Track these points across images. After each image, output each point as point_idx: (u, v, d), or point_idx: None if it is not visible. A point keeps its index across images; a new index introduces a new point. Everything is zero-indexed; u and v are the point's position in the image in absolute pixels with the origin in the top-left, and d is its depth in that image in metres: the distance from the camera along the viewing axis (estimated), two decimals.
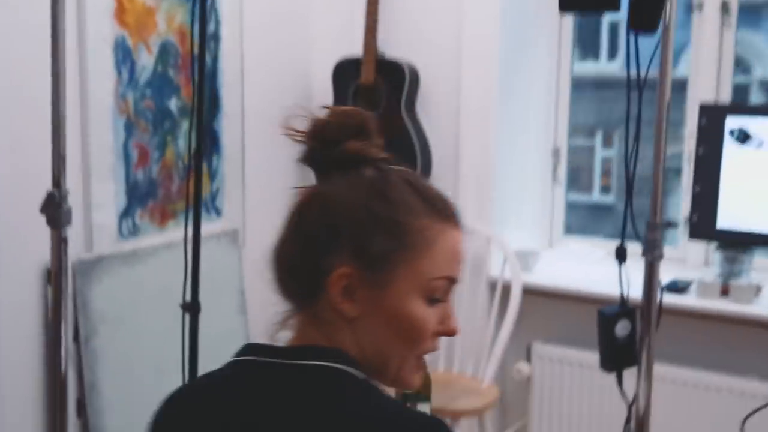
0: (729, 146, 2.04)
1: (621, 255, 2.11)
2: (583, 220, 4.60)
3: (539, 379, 3.51)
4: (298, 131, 1.19)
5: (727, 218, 2.06)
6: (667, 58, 1.93)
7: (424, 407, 1.88)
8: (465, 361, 3.42)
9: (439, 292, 1.16)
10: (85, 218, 2.88)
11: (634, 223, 2.08)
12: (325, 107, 1.22)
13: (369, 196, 1.14)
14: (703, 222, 2.06)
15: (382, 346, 1.16)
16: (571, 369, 3.45)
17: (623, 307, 2.13)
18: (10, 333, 2.70)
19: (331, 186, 1.18)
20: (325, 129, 1.18)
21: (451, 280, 1.17)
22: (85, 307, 2.82)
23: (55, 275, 1.99)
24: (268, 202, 3.59)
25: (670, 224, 2.00)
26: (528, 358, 3.56)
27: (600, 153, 6.07)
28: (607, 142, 6.13)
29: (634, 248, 2.12)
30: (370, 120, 1.21)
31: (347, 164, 1.17)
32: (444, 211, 1.17)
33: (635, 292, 2.15)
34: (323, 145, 1.18)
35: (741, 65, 3.80)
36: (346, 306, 1.13)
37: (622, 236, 2.10)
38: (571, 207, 4.00)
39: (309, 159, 1.21)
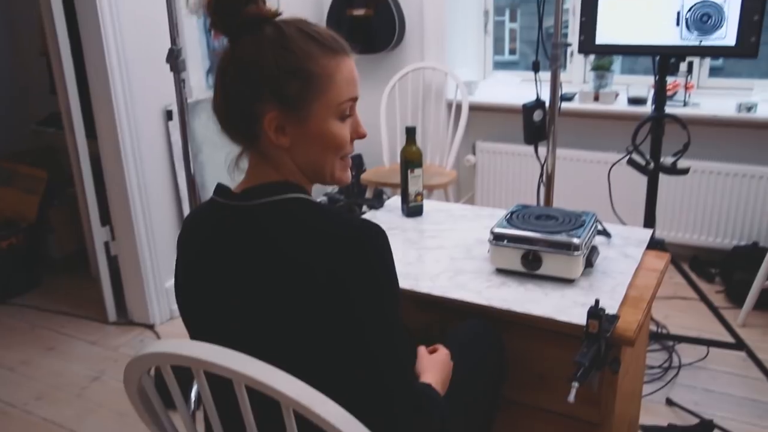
0: None
1: (536, 67, 2.19)
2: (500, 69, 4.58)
3: (480, 164, 3.62)
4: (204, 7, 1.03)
5: (603, 37, 2.12)
6: None
7: (418, 170, 2.03)
8: (434, 156, 3.53)
9: (347, 110, 1.04)
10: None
11: (545, 47, 2.16)
12: None
13: (275, 52, 0.98)
14: (587, 41, 2.12)
15: (314, 160, 1.05)
16: (501, 156, 3.55)
17: (538, 101, 2.22)
18: (148, 151, 2.82)
19: (242, 48, 0.99)
20: (221, 1, 0.99)
21: (354, 99, 1.05)
22: (192, 134, 2.91)
23: (179, 105, 2.03)
24: None
25: (566, 44, 2.06)
26: (473, 151, 3.65)
27: (508, 26, 6.00)
28: (512, 18, 6.05)
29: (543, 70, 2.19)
30: None
31: (250, 26, 0.99)
32: (336, 47, 1.02)
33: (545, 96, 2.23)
34: (224, 15, 1.00)
35: None
36: (282, 140, 1.01)
37: (537, 53, 2.16)
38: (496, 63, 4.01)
39: (218, 27, 1.01)
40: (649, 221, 2.26)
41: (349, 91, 1.03)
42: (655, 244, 2.25)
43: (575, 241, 1.54)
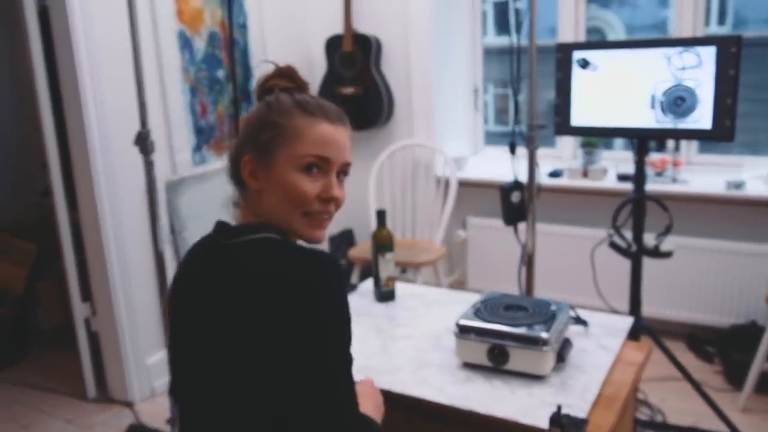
0: (576, 70, 2.01)
1: (512, 148, 2.12)
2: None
3: (471, 240, 3.53)
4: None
5: (578, 119, 2.04)
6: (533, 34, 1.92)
7: (389, 255, 1.93)
8: (423, 231, 3.44)
9: (313, 167, 1.08)
10: (170, 154, 2.87)
11: (520, 129, 2.09)
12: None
13: (262, 109, 1.11)
14: (563, 123, 2.04)
15: (279, 209, 1.09)
16: (492, 231, 3.45)
17: (516, 182, 2.14)
18: (132, 228, 2.74)
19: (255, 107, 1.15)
20: (267, 77, 1.15)
21: (322, 158, 1.08)
22: (176, 211, 2.85)
23: (147, 185, 1.98)
24: None
25: (542, 126, 1.99)
26: (464, 227, 3.57)
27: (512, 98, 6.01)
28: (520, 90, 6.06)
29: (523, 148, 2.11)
30: (293, 71, 1.16)
31: (266, 94, 1.14)
32: (316, 112, 1.10)
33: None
34: (259, 86, 1.16)
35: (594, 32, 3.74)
36: (253, 183, 1.09)
37: (512, 135, 2.10)
38: (498, 135, 3.96)
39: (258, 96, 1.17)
40: (635, 306, 2.13)
41: (317, 149, 1.08)
42: (639, 330, 2.11)
43: (544, 335, 1.42)
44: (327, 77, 3.53)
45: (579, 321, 1.70)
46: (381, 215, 1.92)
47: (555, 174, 3.29)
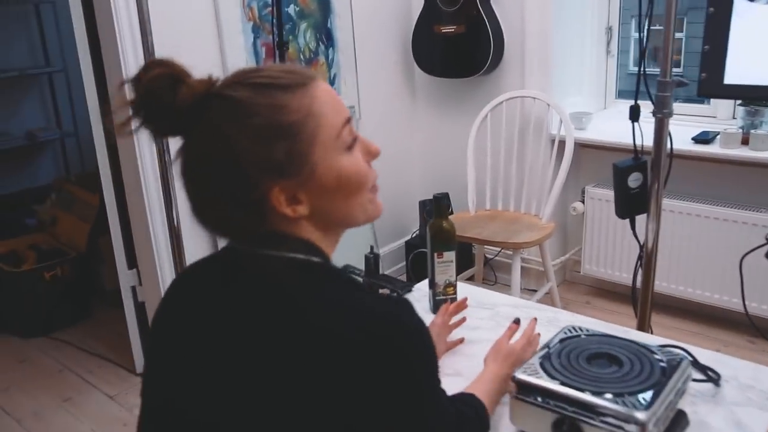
0: (739, 3, 1.44)
1: (635, 114, 1.62)
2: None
3: (590, 214, 3.01)
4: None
5: (736, 74, 1.47)
6: None
7: (449, 254, 1.52)
8: (529, 203, 2.95)
9: (348, 137, 0.86)
10: None
11: (647, 85, 1.57)
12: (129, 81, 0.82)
13: (239, 126, 0.80)
14: (711, 79, 1.49)
15: (343, 212, 0.88)
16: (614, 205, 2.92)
17: (637, 160, 1.64)
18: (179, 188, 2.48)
19: (199, 142, 0.81)
20: (152, 95, 0.80)
21: (347, 120, 0.86)
22: None
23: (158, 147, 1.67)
24: (377, 83, 3.19)
25: (681, 83, 1.47)
26: (582, 198, 3.06)
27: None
28: (678, 27, 5.39)
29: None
30: (169, 62, 0.82)
31: (194, 113, 0.81)
32: (295, 80, 0.83)
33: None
34: (159, 115, 0.81)
35: None
36: (300, 209, 0.84)
37: (636, 96, 1.59)
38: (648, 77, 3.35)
39: (162, 132, 0.83)
40: None
41: (337, 116, 0.85)
42: None
43: (640, 416, 0.97)
44: (423, 14, 3.08)
45: (705, 373, 1.22)
46: (439, 202, 1.51)
47: (704, 139, 2.68)
